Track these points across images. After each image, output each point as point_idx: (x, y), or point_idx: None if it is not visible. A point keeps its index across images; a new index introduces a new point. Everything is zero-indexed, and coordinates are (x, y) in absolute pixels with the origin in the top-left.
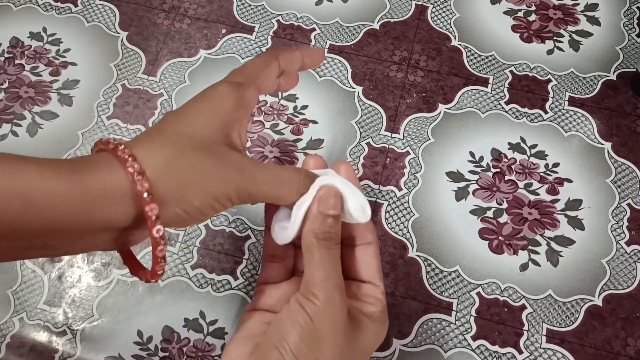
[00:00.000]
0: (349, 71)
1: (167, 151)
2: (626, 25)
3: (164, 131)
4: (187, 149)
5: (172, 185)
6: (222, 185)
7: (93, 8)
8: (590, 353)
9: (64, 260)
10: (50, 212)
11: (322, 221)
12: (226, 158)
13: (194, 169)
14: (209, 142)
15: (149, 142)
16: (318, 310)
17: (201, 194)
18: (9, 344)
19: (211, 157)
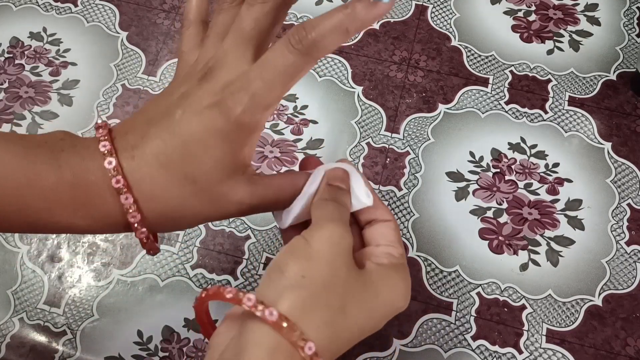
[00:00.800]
0: (349, 71)
1: (170, 202)
2: (626, 25)
3: (169, 169)
4: (190, 198)
5: (167, 226)
6: (219, 218)
7: (93, 8)
8: (590, 353)
9: (64, 260)
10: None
11: (329, 189)
12: (228, 200)
13: (196, 216)
14: (214, 185)
15: (151, 181)
16: (319, 236)
17: (195, 223)
18: (9, 344)
19: (212, 204)
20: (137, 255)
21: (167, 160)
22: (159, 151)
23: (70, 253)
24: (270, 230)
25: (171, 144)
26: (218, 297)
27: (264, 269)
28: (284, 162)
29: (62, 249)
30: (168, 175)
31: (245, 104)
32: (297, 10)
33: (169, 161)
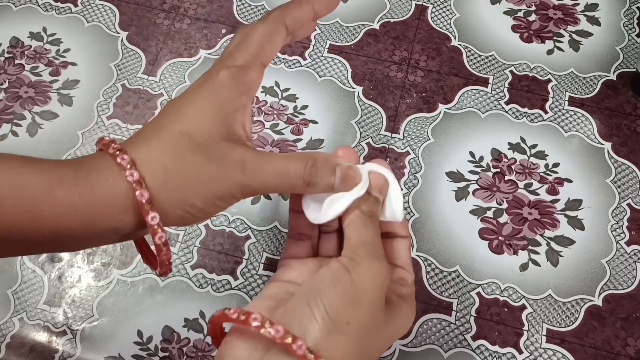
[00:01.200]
0: (349, 71)
1: (166, 157)
2: (626, 25)
3: (162, 131)
4: (186, 153)
5: (173, 191)
6: (224, 187)
7: (93, 8)
8: (590, 353)
9: (64, 260)
10: (57, 222)
11: (367, 200)
12: (227, 158)
13: (194, 174)
14: (209, 141)
15: (147, 144)
16: (362, 270)
17: (203, 196)
18: (9, 344)
19: (211, 160)
20: (137, 255)
21: (161, 124)
22: (154, 122)
23: (70, 253)
24: (270, 231)
25: (166, 112)
26: (241, 323)
27: (264, 269)
28: None
29: None
30: (163, 135)
31: (227, 64)
32: None
33: (163, 125)
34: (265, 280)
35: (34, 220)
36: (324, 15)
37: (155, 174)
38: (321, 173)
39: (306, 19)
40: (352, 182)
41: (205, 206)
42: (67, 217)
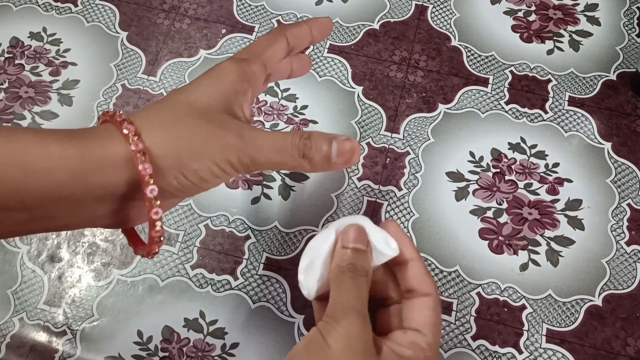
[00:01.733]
0: (349, 71)
1: (164, 117)
2: (626, 25)
3: (164, 101)
4: (184, 115)
5: (169, 150)
6: (220, 150)
7: (93, 8)
8: (590, 353)
9: (64, 260)
10: (49, 176)
11: (343, 254)
12: (225, 124)
13: (191, 133)
14: (208, 109)
15: (147, 110)
16: (337, 334)
17: (199, 158)
18: (9, 344)
19: (209, 122)
20: (137, 255)
21: (163, 98)
22: (162, 99)
23: (70, 253)
24: (270, 231)
25: (169, 93)
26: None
27: (264, 269)
28: None
29: (62, 249)
30: (164, 103)
31: (232, 57)
32: (297, 10)
33: (165, 98)
34: (265, 280)
35: (25, 173)
36: (319, 41)
37: (153, 133)
38: (316, 144)
39: (304, 38)
40: (350, 155)
41: (201, 170)
42: (59, 172)
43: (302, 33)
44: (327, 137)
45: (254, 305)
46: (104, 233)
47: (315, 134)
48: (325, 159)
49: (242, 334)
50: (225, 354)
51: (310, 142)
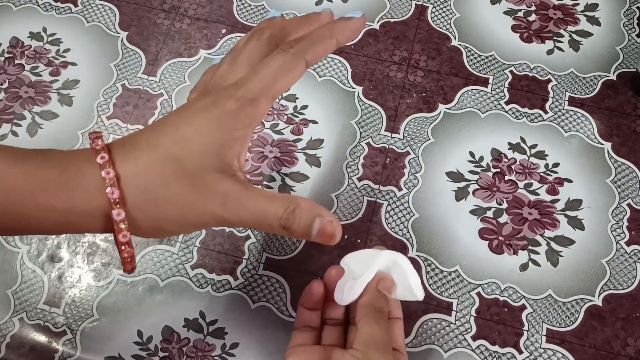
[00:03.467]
0: (349, 71)
1: (151, 179)
2: (626, 25)
3: (155, 150)
4: (172, 179)
5: (148, 212)
6: (198, 217)
7: (93, 8)
8: (590, 353)
9: (64, 260)
10: (39, 224)
11: (379, 297)
12: (212, 190)
13: (174, 204)
14: (198, 170)
15: (136, 160)
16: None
17: (176, 224)
18: (9, 344)
19: (195, 190)
20: (137, 255)
21: (156, 142)
22: (149, 136)
23: (70, 253)
24: None
25: (163, 129)
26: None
27: (264, 269)
28: (284, 162)
29: (62, 249)
30: (154, 154)
31: (238, 94)
32: (297, 10)
33: (158, 143)
34: (265, 280)
35: (18, 221)
36: (345, 44)
37: (135, 193)
38: (299, 220)
39: (327, 53)
40: (330, 238)
41: (177, 232)
42: (49, 221)
43: (327, 51)
44: (312, 214)
45: (254, 305)
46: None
47: (301, 209)
48: (305, 234)
49: (242, 334)
50: (225, 354)
51: (294, 217)
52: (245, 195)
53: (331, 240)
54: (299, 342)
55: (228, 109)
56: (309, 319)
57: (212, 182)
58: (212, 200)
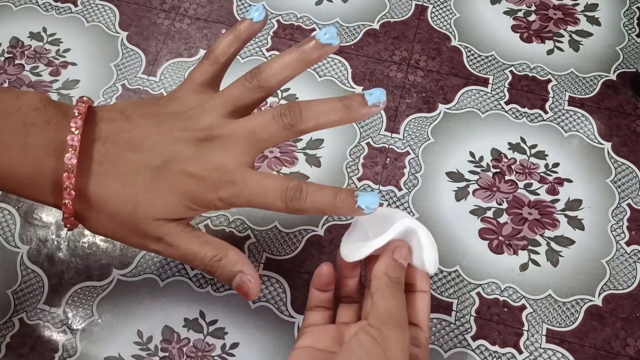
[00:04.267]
0: (349, 71)
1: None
2: (626, 25)
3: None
4: (115, 223)
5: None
6: (137, 245)
7: (93, 8)
8: (590, 353)
9: (64, 260)
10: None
11: (395, 267)
12: (150, 234)
13: (115, 232)
14: (144, 219)
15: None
16: (390, 342)
17: (120, 239)
18: (9, 344)
19: (136, 234)
20: (137, 255)
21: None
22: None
23: (70, 253)
24: (270, 231)
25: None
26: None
27: (264, 269)
28: (283, 162)
29: (62, 249)
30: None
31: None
32: (297, 10)
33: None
34: (265, 280)
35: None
36: None
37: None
38: (222, 270)
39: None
40: (245, 295)
41: (122, 242)
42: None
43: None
44: (235, 268)
45: (254, 305)
46: None
47: (228, 260)
48: (227, 283)
49: (242, 334)
50: (225, 354)
51: (218, 266)
52: (179, 238)
53: (246, 297)
54: (312, 322)
55: (210, 199)
56: (321, 299)
57: (153, 227)
58: (149, 240)
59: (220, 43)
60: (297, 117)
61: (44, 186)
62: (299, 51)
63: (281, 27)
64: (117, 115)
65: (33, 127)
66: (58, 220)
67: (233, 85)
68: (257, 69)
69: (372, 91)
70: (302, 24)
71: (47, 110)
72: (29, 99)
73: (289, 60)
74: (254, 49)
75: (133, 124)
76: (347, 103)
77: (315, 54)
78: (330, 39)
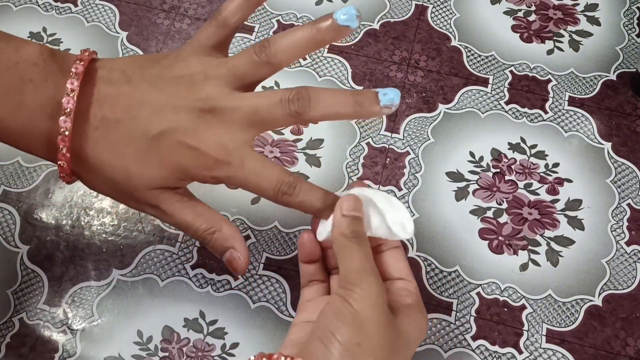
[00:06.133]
0: (349, 71)
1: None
2: (626, 25)
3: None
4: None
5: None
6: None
7: (93, 8)
8: (590, 353)
9: (64, 259)
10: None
11: (346, 222)
12: (145, 201)
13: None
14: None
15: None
16: (358, 296)
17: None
18: (9, 344)
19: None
20: (137, 255)
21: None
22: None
23: (70, 252)
24: (270, 231)
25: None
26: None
27: (264, 269)
28: (283, 162)
29: (61, 249)
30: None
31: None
32: (297, 10)
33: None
34: (265, 280)
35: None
36: None
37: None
38: (214, 244)
39: None
40: (233, 270)
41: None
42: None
43: None
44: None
45: (254, 305)
46: (104, 233)
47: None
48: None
49: (242, 334)
50: (225, 354)
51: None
52: (174, 207)
53: (235, 272)
54: (307, 298)
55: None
56: (312, 272)
57: (148, 196)
58: (145, 206)
59: (230, 4)
60: (306, 105)
61: (39, 144)
62: (313, 29)
63: (281, 27)
64: (117, 76)
65: (30, 83)
66: (58, 220)
67: (241, 55)
68: (266, 41)
69: (387, 91)
70: (302, 23)
71: (47, 65)
72: (29, 52)
73: (301, 38)
74: None
75: (133, 87)
76: (359, 100)
77: (330, 35)
78: (348, 20)
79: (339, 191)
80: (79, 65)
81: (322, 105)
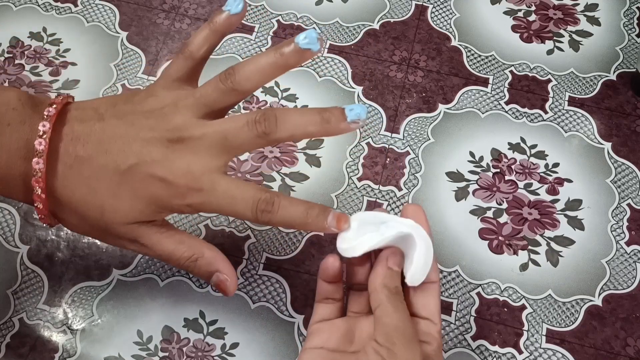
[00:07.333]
0: (349, 71)
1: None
2: (626, 25)
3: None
4: (93, 230)
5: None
6: (115, 244)
7: (93, 8)
8: (590, 353)
9: (64, 260)
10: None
11: (392, 276)
12: (125, 237)
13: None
14: (116, 225)
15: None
16: (396, 358)
17: (95, 237)
18: (9, 344)
19: (107, 236)
20: (137, 255)
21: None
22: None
23: (70, 253)
24: (270, 231)
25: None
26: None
27: (264, 269)
28: (283, 162)
29: (62, 249)
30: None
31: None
32: (297, 10)
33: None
34: (265, 280)
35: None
36: None
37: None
38: (199, 270)
39: None
40: (222, 288)
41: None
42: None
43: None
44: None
45: (254, 305)
46: None
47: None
48: (204, 279)
49: (242, 334)
50: (225, 354)
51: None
52: (153, 239)
53: (225, 294)
54: (322, 317)
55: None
56: (330, 291)
57: (124, 231)
58: (124, 241)
59: (196, 37)
60: (272, 125)
61: (17, 187)
62: (276, 54)
63: (281, 27)
64: (89, 114)
65: (8, 127)
66: None
67: (208, 84)
68: (232, 69)
69: (353, 107)
70: (302, 24)
71: (24, 109)
72: (9, 97)
73: (265, 64)
74: (255, 49)
75: (105, 124)
76: (326, 117)
77: (293, 59)
78: (309, 43)
79: (359, 212)
80: (52, 109)
81: (289, 125)
